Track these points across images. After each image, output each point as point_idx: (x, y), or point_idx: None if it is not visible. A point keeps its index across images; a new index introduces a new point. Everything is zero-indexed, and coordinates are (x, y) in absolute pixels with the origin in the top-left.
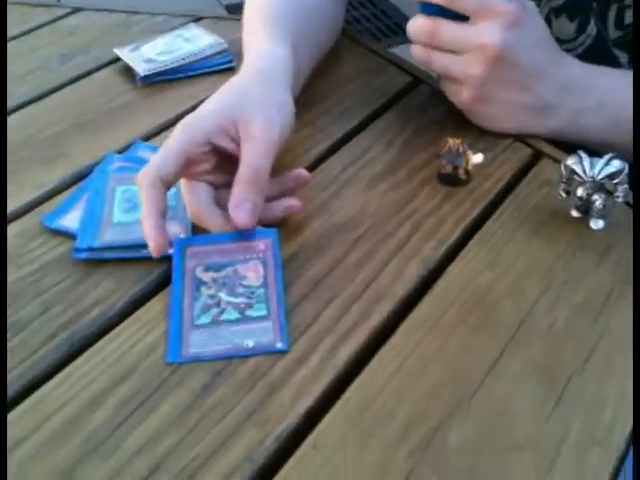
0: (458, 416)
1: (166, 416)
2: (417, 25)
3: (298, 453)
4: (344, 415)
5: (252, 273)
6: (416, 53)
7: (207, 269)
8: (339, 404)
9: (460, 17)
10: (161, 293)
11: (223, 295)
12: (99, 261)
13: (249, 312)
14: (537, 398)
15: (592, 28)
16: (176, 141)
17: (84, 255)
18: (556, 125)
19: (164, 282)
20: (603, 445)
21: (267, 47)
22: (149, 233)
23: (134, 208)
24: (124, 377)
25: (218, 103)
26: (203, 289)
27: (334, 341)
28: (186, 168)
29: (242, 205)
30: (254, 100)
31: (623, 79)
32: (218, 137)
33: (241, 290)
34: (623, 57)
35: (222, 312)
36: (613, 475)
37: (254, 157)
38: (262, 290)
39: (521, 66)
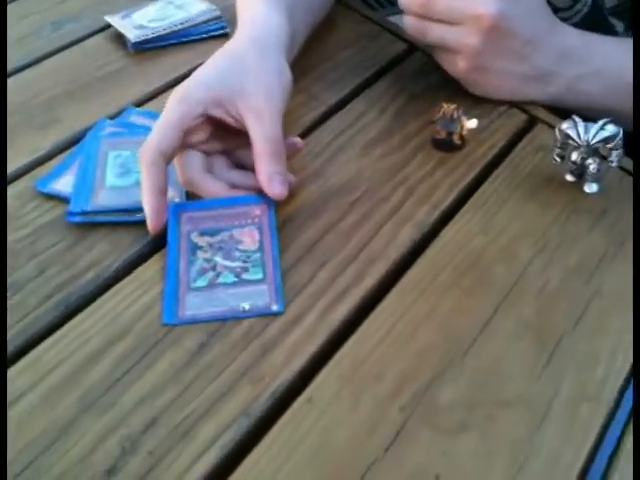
0: (450, 374)
1: (162, 374)
2: None
3: (293, 407)
4: (337, 373)
5: (248, 238)
6: (409, 24)
7: (202, 234)
8: (332, 362)
9: None
10: (156, 255)
11: (219, 259)
12: (93, 224)
13: (245, 276)
14: (529, 357)
15: None
16: (174, 114)
17: (77, 219)
18: (554, 92)
19: (159, 245)
20: (593, 400)
21: (262, 13)
22: (149, 212)
23: (127, 173)
24: (120, 336)
25: (214, 73)
26: (199, 253)
27: (328, 302)
28: (183, 139)
29: (273, 179)
30: (252, 69)
31: (621, 46)
32: (215, 109)
33: (237, 254)
34: (619, 26)
35: (218, 275)
36: (603, 429)
37: (266, 129)
38: (258, 254)
39: (517, 35)
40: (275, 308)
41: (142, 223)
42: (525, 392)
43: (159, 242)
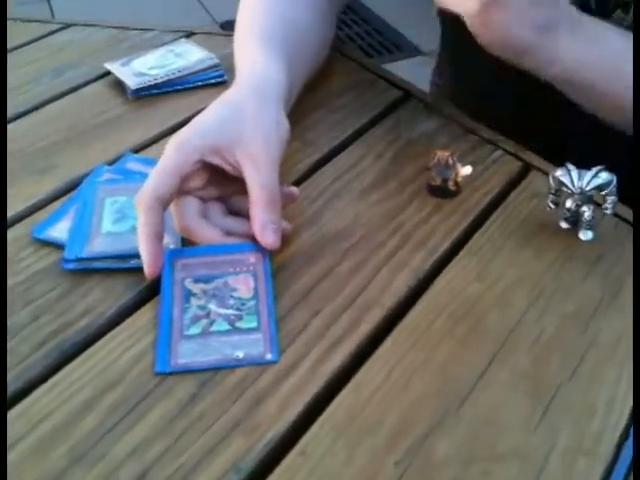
0: (446, 426)
1: (153, 425)
2: None
3: (286, 461)
4: (331, 424)
5: (242, 285)
6: None
7: (197, 281)
8: (326, 413)
9: None
10: (150, 303)
11: (213, 306)
12: (88, 271)
13: (239, 324)
14: (525, 408)
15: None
16: (171, 161)
17: (72, 265)
18: (551, 47)
19: (153, 292)
20: (591, 454)
21: (261, 63)
22: (145, 258)
23: (123, 219)
24: (112, 385)
25: (212, 120)
26: (193, 300)
27: (322, 351)
28: (180, 186)
29: (267, 227)
30: (250, 117)
31: (621, 35)
32: (212, 156)
33: (231, 302)
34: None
35: (212, 323)
36: None
37: (263, 177)
38: (253, 302)
39: None
40: (269, 357)
41: (137, 270)
42: (521, 445)
43: (153, 289)
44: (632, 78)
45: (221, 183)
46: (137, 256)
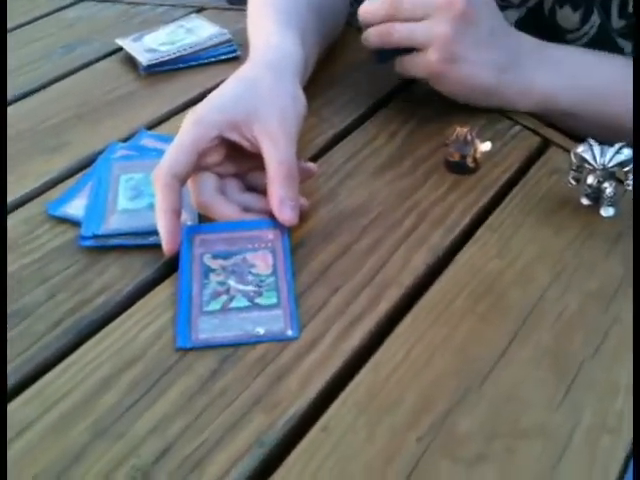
0: (467, 403)
1: (174, 401)
2: (371, 6)
3: (308, 436)
4: (353, 401)
5: (261, 262)
6: (373, 32)
7: (215, 257)
8: (348, 390)
9: None
10: (168, 280)
11: (232, 282)
12: (105, 248)
13: (259, 300)
14: (548, 385)
15: (595, 18)
16: (188, 137)
17: (89, 242)
18: (517, 87)
19: (171, 269)
20: (615, 432)
21: (276, 38)
22: (164, 234)
23: (139, 196)
24: (131, 363)
25: (230, 96)
26: (212, 276)
27: (342, 328)
28: (197, 162)
29: (285, 203)
30: (267, 93)
31: (586, 51)
32: (230, 132)
33: (250, 278)
34: (627, 47)
35: (232, 299)
36: (625, 462)
37: (280, 153)
38: (272, 279)
39: (482, 25)
40: (290, 333)
41: (154, 246)
42: (545, 422)
43: (171, 266)
44: (594, 91)
45: (238, 159)
46: (154, 233)
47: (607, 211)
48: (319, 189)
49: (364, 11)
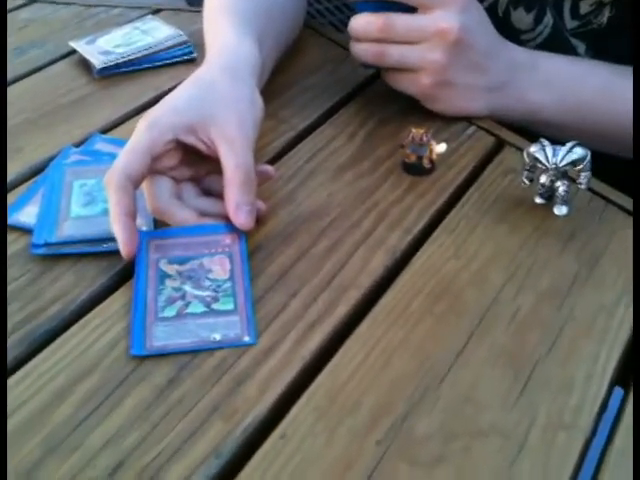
0: (425, 405)
1: (130, 412)
2: (363, 22)
3: (266, 444)
4: (312, 406)
5: (218, 267)
6: (364, 50)
7: (171, 262)
8: (306, 395)
9: (403, 9)
10: (123, 287)
11: (188, 288)
12: (58, 256)
13: (215, 306)
14: (504, 384)
15: (549, 19)
16: (142, 139)
17: (41, 250)
18: (506, 103)
19: (126, 276)
20: (570, 429)
21: (233, 41)
22: (120, 237)
23: (92, 202)
24: (86, 373)
25: (186, 98)
26: (167, 281)
27: (301, 332)
28: (151, 165)
29: (241, 208)
30: (224, 96)
31: (571, 62)
32: (186, 134)
33: (207, 283)
34: (581, 47)
35: (187, 305)
36: (580, 458)
37: (237, 157)
38: (229, 284)
39: (476, 47)
40: (247, 339)
41: (109, 253)
42: (501, 421)
43: (126, 273)
44: (583, 106)
45: (194, 163)
46: (109, 239)
47: (560, 209)
48: (278, 191)
49: (355, 26)
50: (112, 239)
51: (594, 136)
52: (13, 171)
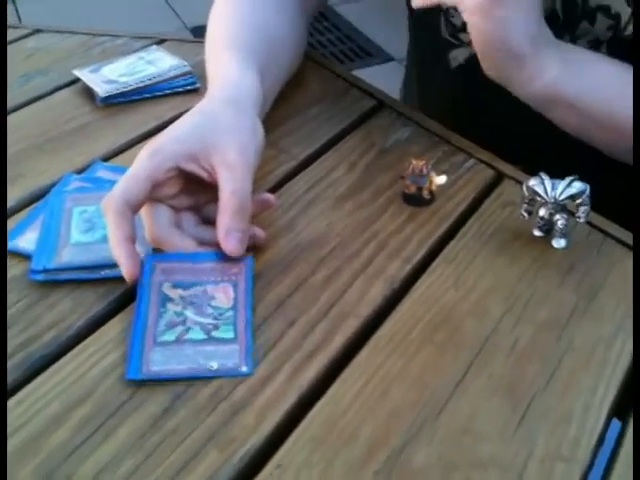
0: (423, 435)
1: (124, 440)
2: None
3: (262, 474)
4: (308, 436)
5: (222, 294)
6: None
7: (175, 286)
8: (303, 425)
9: None
10: (120, 314)
11: (190, 313)
12: (56, 282)
13: (215, 333)
14: (502, 416)
15: None
16: (144, 166)
17: (40, 277)
18: (532, 62)
19: (124, 303)
20: (568, 461)
21: (235, 74)
22: (121, 262)
23: (92, 228)
24: (81, 400)
25: (188, 128)
26: (169, 305)
27: (298, 362)
28: (151, 192)
29: (231, 234)
30: (226, 125)
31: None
32: (187, 162)
33: (209, 311)
34: None
35: (187, 331)
36: None
37: (235, 184)
38: (231, 312)
39: None
40: (244, 370)
41: (107, 280)
42: (499, 452)
43: (124, 300)
44: (618, 100)
45: (195, 191)
46: (107, 266)
47: (559, 242)
48: (278, 220)
49: None
50: (111, 266)
51: (603, 122)
52: (14, 197)
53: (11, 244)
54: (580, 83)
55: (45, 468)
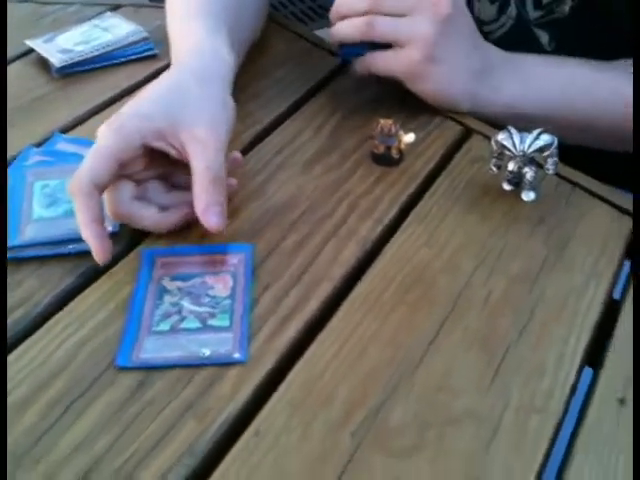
0: (399, 394)
1: (100, 415)
2: None
3: (240, 442)
4: (286, 400)
5: (220, 284)
6: (350, 25)
7: (174, 279)
8: (280, 390)
9: None
10: (89, 288)
11: (186, 303)
12: (21, 260)
13: (211, 322)
14: (477, 370)
15: (512, 9)
16: (109, 143)
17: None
18: (485, 94)
19: (93, 277)
20: (542, 412)
21: (203, 41)
22: (91, 242)
23: (55, 203)
24: (53, 377)
25: (155, 102)
26: (166, 297)
27: (273, 327)
28: (118, 171)
29: (210, 209)
30: (195, 99)
31: (545, 59)
32: (154, 141)
33: (206, 300)
34: (544, 37)
35: (182, 320)
36: (552, 440)
37: (208, 159)
38: (228, 301)
39: (465, 27)
40: (237, 356)
41: (73, 255)
42: (475, 406)
43: (92, 274)
44: (559, 97)
45: (163, 164)
46: (73, 241)
47: (528, 195)
48: (246, 185)
49: (340, 3)
50: (76, 240)
51: (570, 129)
52: None
53: None
54: (540, 100)
55: (18, 451)
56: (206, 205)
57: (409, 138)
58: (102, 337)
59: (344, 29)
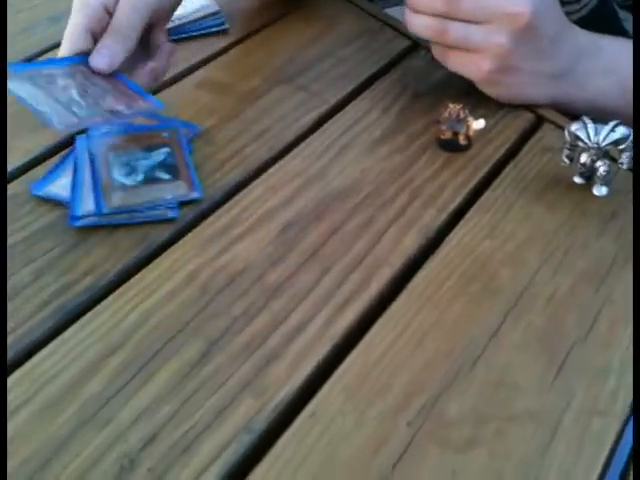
0: (458, 386)
1: (162, 386)
2: None
3: (296, 422)
4: (342, 385)
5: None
6: (423, 25)
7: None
8: (337, 374)
9: None
10: (157, 259)
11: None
12: (91, 228)
13: (160, 175)
14: (539, 368)
15: None
16: (78, 20)
17: (80, 222)
18: (568, 92)
19: (162, 248)
20: (605, 415)
21: None
22: (66, 46)
23: (134, 172)
24: (119, 346)
25: None
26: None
27: (332, 310)
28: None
29: (99, 51)
30: None
31: (630, 45)
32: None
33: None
34: (629, 19)
35: (137, 175)
36: (614, 445)
37: (120, 10)
38: (170, 159)
39: (545, 34)
40: (195, 195)
41: (143, 224)
42: (535, 405)
43: (161, 244)
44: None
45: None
46: (150, 209)
47: (600, 190)
48: (309, 167)
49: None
50: (152, 208)
51: None
52: (43, 144)
53: (44, 190)
54: (627, 93)
55: (84, 413)
56: (98, 47)
57: (478, 125)
58: (167, 309)
59: (417, 26)
